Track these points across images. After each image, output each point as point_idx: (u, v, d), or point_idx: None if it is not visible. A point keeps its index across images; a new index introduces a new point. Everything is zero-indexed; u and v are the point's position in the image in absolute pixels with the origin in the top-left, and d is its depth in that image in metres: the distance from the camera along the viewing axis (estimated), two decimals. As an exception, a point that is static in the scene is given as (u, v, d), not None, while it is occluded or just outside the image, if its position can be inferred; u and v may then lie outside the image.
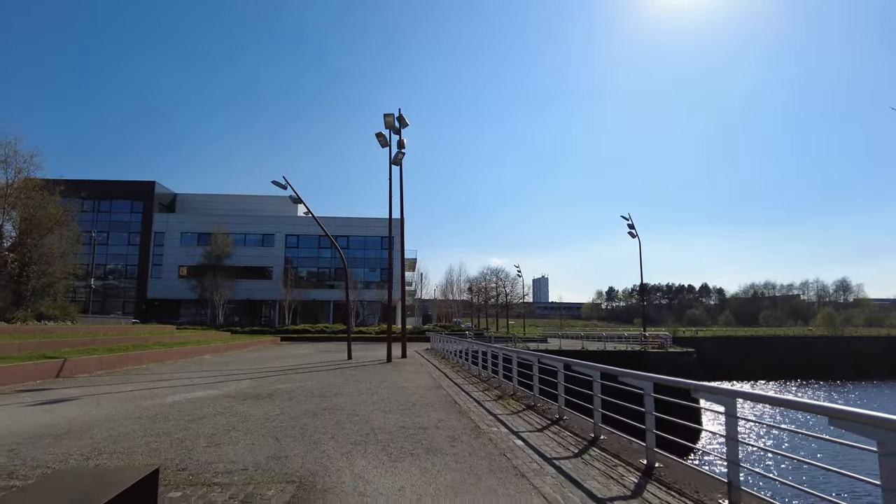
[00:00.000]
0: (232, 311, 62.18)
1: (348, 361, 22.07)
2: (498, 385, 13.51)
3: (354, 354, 25.33)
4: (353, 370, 17.99)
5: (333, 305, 63.60)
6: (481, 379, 15.36)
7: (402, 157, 22.03)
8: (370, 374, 16.39)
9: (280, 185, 23.39)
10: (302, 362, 21.67)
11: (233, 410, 9.55)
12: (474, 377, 16.00)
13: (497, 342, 35.64)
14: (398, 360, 22.61)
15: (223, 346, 28.41)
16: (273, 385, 13.61)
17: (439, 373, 17.13)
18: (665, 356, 35.17)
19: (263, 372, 17.33)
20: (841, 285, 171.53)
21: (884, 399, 41.88)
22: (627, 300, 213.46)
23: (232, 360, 23.03)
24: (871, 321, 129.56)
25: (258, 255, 63.05)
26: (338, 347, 34.06)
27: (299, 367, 19.09)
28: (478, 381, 14.71)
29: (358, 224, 64.64)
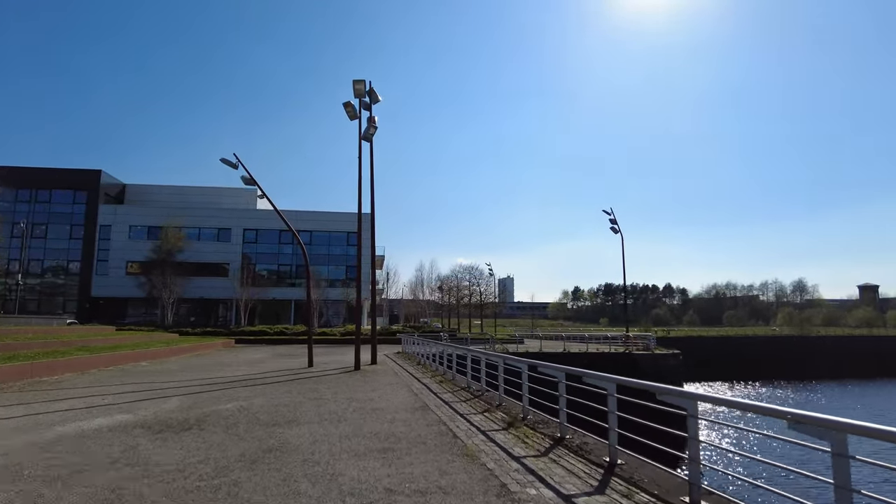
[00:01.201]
0: (187, 311, 57.90)
1: (309, 369, 19.00)
2: (499, 403, 10.75)
3: (317, 360, 22.24)
4: (315, 382, 14.96)
5: (295, 305, 59.94)
6: (472, 393, 12.58)
7: (374, 132, 19.09)
8: (335, 388, 13.41)
9: (230, 164, 20.14)
10: (254, 370, 18.50)
11: (134, 455, 6.51)
12: (462, 389, 13.22)
13: (473, 344, 33.04)
14: (368, 368, 19.64)
15: (166, 350, 24.89)
16: (209, 405, 10.54)
17: (420, 385, 14.26)
18: (652, 358, 33.19)
19: (204, 384, 14.17)
20: (798, 286, 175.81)
21: (872, 398, 41.00)
22: (593, 300, 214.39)
23: (172, 367, 19.67)
24: (829, 320, 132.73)
25: (214, 251, 58.82)
26: (298, 351, 30.76)
27: (250, 378, 15.96)
28: (470, 397, 11.92)
29: (322, 218, 61.07)
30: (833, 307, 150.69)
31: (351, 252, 61.21)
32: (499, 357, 10.89)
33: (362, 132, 19.24)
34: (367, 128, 19.06)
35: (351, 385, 14.10)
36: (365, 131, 19.15)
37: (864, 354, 62.81)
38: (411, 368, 19.50)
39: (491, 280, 63.18)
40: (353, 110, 18.85)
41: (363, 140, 19.28)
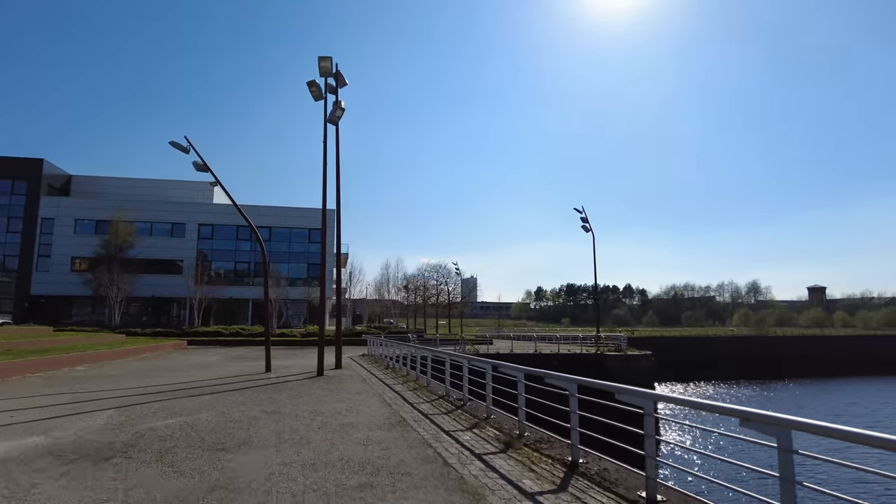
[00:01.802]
0: (138, 311, 54.73)
1: (267, 375, 17.27)
2: (487, 416, 9.40)
3: (276, 363, 20.50)
4: (273, 390, 13.31)
5: (253, 304, 57.32)
6: (453, 403, 11.20)
7: (341, 115, 17.48)
8: (296, 398, 11.81)
9: (180, 148, 18.21)
10: (205, 376, 16.66)
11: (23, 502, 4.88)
12: (440, 398, 11.84)
13: (443, 345, 31.68)
14: (332, 373, 18.02)
15: (108, 352, 22.66)
16: (146, 421, 8.85)
17: (392, 393, 12.79)
18: (624, 359, 32.47)
19: (145, 393, 12.36)
20: (752, 287, 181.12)
21: (830, 397, 41.40)
22: (555, 300, 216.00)
23: (112, 372, 17.63)
24: (781, 321, 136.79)
25: (166, 247, 55.71)
26: (255, 353, 28.76)
27: (199, 385, 14.17)
28: (451, 408, 10.53)
29: (283, 214, 58.67)
30: (785, 308, 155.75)
31: (313, 250, 59.08)
32: (485, 362, 9.52)
33: (328, 115, 17.61)
34: (334, 110, 17.45)
35: (314, 394, 12.51)
36: (331, 114, 17.52)
37: (821, 354, 64.17)
38: (380, 373, 17.99)
39: (458, 279, 62.08)
40: (317, 90, 17.19)
41: (329, 123, 17.65)
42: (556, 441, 7.41)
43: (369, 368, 19.97)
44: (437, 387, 13.74)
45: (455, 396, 11.85)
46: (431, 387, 13.90)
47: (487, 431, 8.24)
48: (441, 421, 9.11)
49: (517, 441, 7.54)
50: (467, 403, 10.95)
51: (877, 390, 45.50)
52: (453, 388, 12.54)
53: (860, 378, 53.83)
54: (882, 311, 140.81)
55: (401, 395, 12.52)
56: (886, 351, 66.67)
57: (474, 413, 9.88)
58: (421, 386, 14.14)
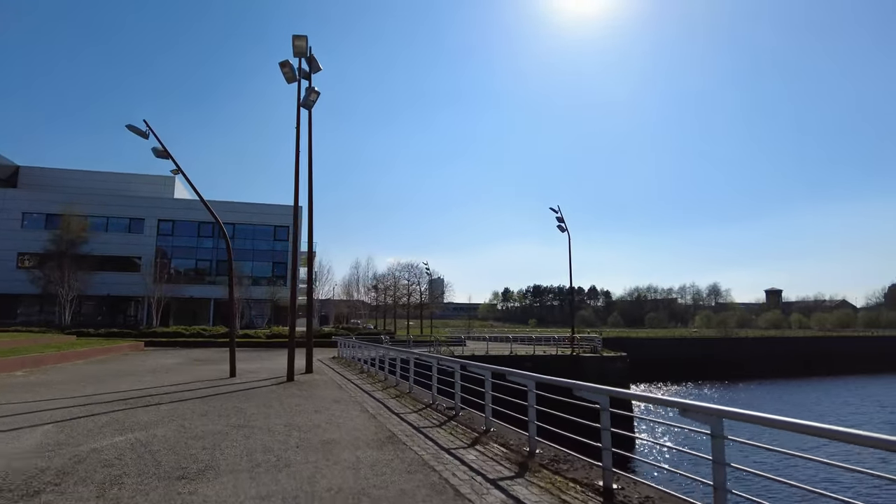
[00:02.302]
0: (92, 310, 51.82)
1: (231, 380, 15.86)
2: (486, 428, 8.35)
3: (241, 367, 19.06)
4: (240, 398, 11.99)
5: (214, 304, 54.98)
6: (443, 412, 10.14)
7: (315, 99, 16.21)
8: (267, 408, 10.55)
9: (138, 132, 16.63)
10: (163, 381, 15.17)
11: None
12: (427, 407, 10.77)
13: (416, 347, 30.57)
14: (304, 377, 16.69)
15: (55, 355, 20.79)
16: (90, 440, 7.51)
17: (374, 402, 11.61)
18: (599, 361, 31.97)
19: (94, 403, 10.91)
20: (713, 290, 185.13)
21: (799, 395, 41.89)
22: (522, 301, 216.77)
23: (57, 378, 15.95)
24: (741, 322, 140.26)
25: (123, 243, 52.88)
26: (218, 356, 27.12)
27: (156, 392, 12.73)
28: (443, 419, 9.46)
29: (248, 210, 56.49)
30: (744, 310, 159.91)
31: (278, 247, 57.14)
32: (484, 368, 8.48)
33: (302, 99, 16.32)
34: (307, 94, 16.18)
35: (287, 403, 11.25)
36: (304, 98, 16.25)
37: (783, 354, 65.50)
38: (355, 378, 16.78)
39: (429, 280, 60.73)
40: (290, 71, 15.86)
41: (302, 107, 16.36)
42: (576, 460, 6.43)
43: (342, 373, 18.72)
44: (422, 394, 12.66)
45: (444, 405, 10.79)
46: (415, 393, 12.80)
47: (493, 448, 7.20)
48: (436, 436, 8.03)
49: (531, 461, 6.52)
50: (460, 413, 9.90)
51: (844, 389, 46.35)
52: (441, 395, 11.49)
53: (823, 378, 55.02)
54: (835, 314, 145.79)
55: (383, 403, 11.38)
56: (842, 351, 68.67)
57: (470, 425, 8.84)
58: (403, 392, 13.01)
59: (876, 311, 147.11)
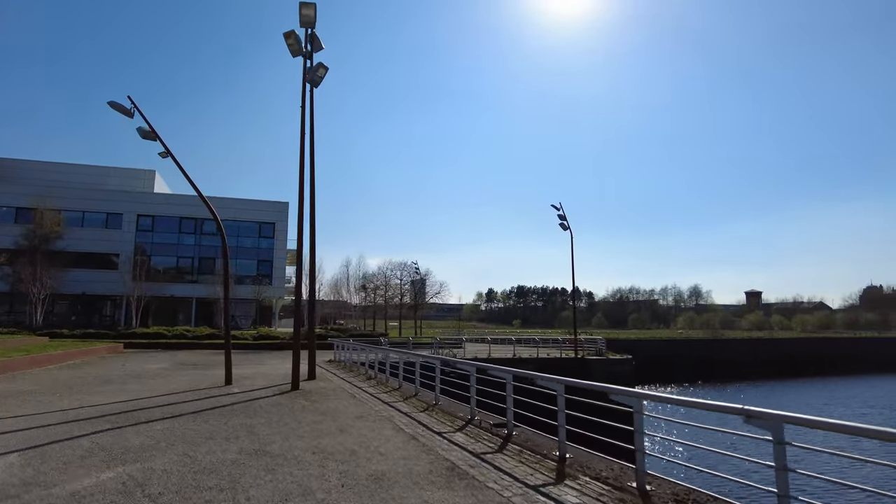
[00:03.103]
0: (66, 310, 49.16)
1: (229, 388, 14.10)
2: (560, 453, 6.79)
3: (235, 372, 17.21)
4: (245, 413, 10.26)
5: (196, 303, 52.60)
6: (492, 431, 8.58)
7: (323, 76, 14.52)
8: (282, 427, 8.86)
9: (121, 110, 14.77)
10: (151, 390, 13.35)
11: None
12: (469, 423, 9.18)
13: (416, 349, 28.95)
14: (308, 385, 14.96)
15: (24, 360, 18.74)
16: (67, 477, 5.79)
17: (403, 417, 9.98)
18: (606, 363, 30.75)
19: (71, 420, 9.14)
20: (694, 291, 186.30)
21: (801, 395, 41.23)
22: (505, 301, 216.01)
23: (28, 387, 14.03)
24: (724, 324, 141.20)
25: (100, 239, 50.17)
26: (205, 359, 25.25)
27: (145, 405, 10.94)
28: (498, 440, 7.87)
29: (232, 206, 54.02)
30: (726, 312, 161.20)
31: (263, 245, 54.93)
32: (505, 372, 6.98)
33: (308, 74, 14.62)
34: (315, 69, 14.48)
35: (303, 419, 9.57)
36: (311, 72, 14.55)
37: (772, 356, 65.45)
38: (365, 385, 15.13)
39: (425, 280, 58.86)
40: (295, 42, 14.11)
41: (309, 83, 14.65)
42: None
43: (347, 379, 17.04)
44: (451, 406, 11.10)
45: (491, 422, 9.22)
46: (443, 405, 11.23)
47: (590, 485, 5.65)
48: (507, 465, 6.44)
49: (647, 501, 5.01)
50: (513, 432, 8.35)
51: (850, 390, 45.91)
52: (480, 408, 9.93)
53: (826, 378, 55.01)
54: (815, 315, 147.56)
55: (414, 418, 9.77)
56: (830, 351, 68.78)
57: (535, 448, 7.29)
58: (428, 404, 11.41)
59: (855, 312, 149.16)
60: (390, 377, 15.84)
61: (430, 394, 12.56)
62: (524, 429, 8.54)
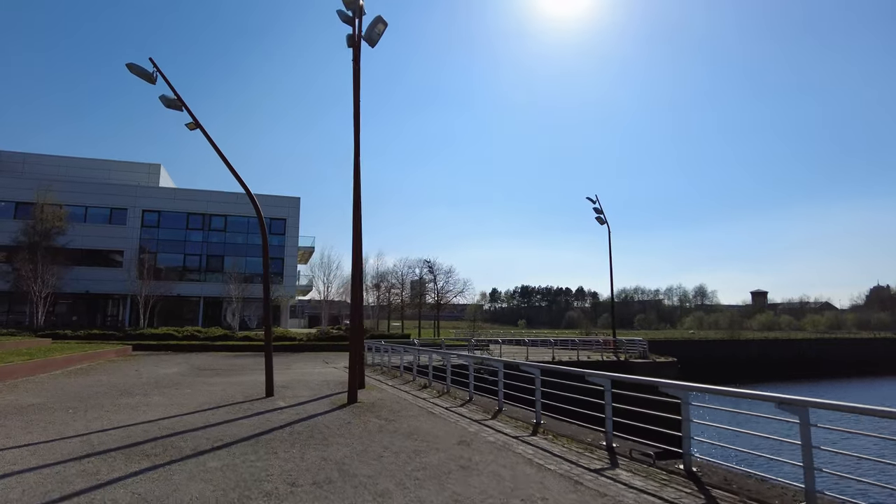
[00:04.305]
0: (68, 309, 46.82)
1: (272, 402, 11.82)
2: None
3: (263, 378, 15.03)
4: (314, 440, 7.98)
5: (204, 303, 50.35)
6: (659, 466, 6.38)
7: (382, 32, 12.28)
8: (381, 465, 6.55)
9: (143, 75, 12.52)
10: (179, 406, 11.07)
11: None
12: (607, 449, 6.96)
13: (448, 350, 26.77)
14: (366, 397, 12.61)
15: (27, 365, 16.47)
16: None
17: (520, 444, 7.73)
18: (653, 367, 28.63)
19: (91, 453, 6.90)
20: (699, 291, 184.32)
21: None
22: (510, 302, 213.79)
23: (31, 399, 11.79)
24: (733, 324, 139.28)
25: (103, 236, 47.85)
26: (224, 363, 23.02)
27: (180, 426, 8.70)
28: (686, 483, 5.65)
29: (241, 201, 51.76)
30: (735, 312, 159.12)
31: (274, 242, 52.56)
32: (603, 377, 4.82)
33: (364, 31, 12.38)
34: (373, 25, 12.24)
35: (397, 448, 7.31)
36: (368, 30, 12.31)
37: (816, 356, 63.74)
38: (427, 395, 12.90)
39: (449, 278, 56.39)
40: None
41: (365, 41, 12.40)
42: None
43: (399, 386, 14.82)
44: (553, 424, 8.89)
45: (645, 452, 6.99)
46: (548, 425, 9.04)
47: None
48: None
49: None
50: (692, 468, 6.16)
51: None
52: (618, 435, 7.72)
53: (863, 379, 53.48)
54: (826, 316, 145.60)
55: (530, 443, 7.60)
56: (850, 352, 67.15)
57: (761, 499, 5.09)
58: (526, 421, 9.20)
59: (866, 312, 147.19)
60: (451, 385, 13.65)
61: (521, 410, 10.41)
62: (711, 462, 6.36)
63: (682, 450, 6.25)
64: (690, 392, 6.18)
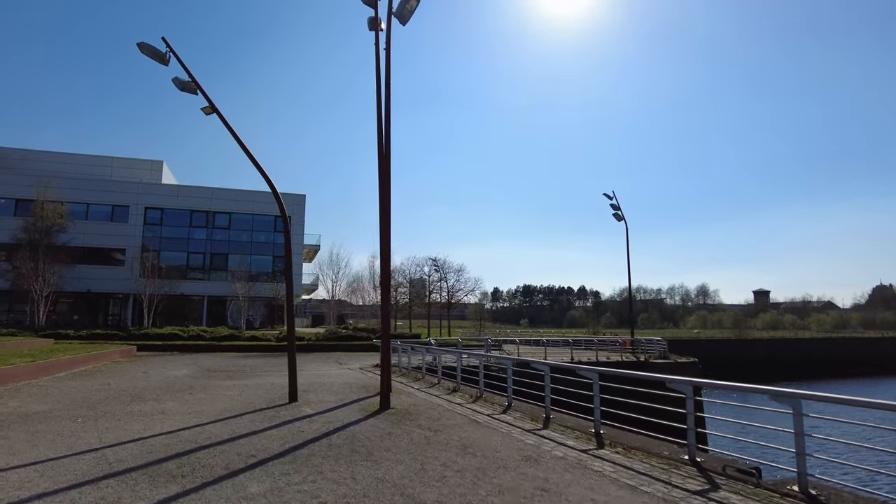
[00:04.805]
0: (68, 309, 45.90)
1: (299, 409, 10.89)
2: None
3: (278, 380, 14.16)
4: (361, 457, 7.02)
5: (208, 302, 49.47)
6: (784, 491, 5.46)
7: (414, 7, 11.34)
8: (446, 487, 5.62)
9: (154, 55, 11.60)
10: (198, 413, 10.15)
11: None
12: (681, 462, 6.05)
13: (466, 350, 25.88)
14: (396, 402, 11.65)
15: (28, 367, 15.54)
16: None
17: (594, 459, 6.79)
18: (676, 367, 27.73)
19: (109, 474, 5.99)
20: (701, 290, 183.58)
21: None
22: (511, 301, 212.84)
23: (36, 406, 10.87)
24: (737, 323, 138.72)
25: (105, 234, 46.90)
26: (234, 364, 22.13)
27: (203, 441, 7.76)
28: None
29: (245, 198, 50.93)
30: (738, 311, 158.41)
31: (279, 240, 51.75)
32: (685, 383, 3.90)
33: (396, 6, 11.46)
34: (404, 1, 11.31)
35: (457, 466, 6.38)
36: (399, 6, 11.38)
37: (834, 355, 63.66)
38: (461, 400, 11.97)
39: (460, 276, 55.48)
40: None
41: (396, 16, 11.47)
42: None
43: (427, 390, 13.89)
44: (618, 434, 7.97)
45: (725, 465, 6.08)
46: (614, 436, 8.13)
47: None
48: None
49: None
50: (800, 483, 5.26)
51: None
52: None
53: None
54: (831, 315, 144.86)
55: (601, 458, 6.69)
56: (860, 352, 66.70)
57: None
58: (580, 430, 8.28)
59: (871, 311, 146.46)
60: (485, 389, 12.75)
61: (598, 422, 9.53)
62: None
63: (797, 469, 5.54)
64: (804, 401, 5.46)
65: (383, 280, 12.26)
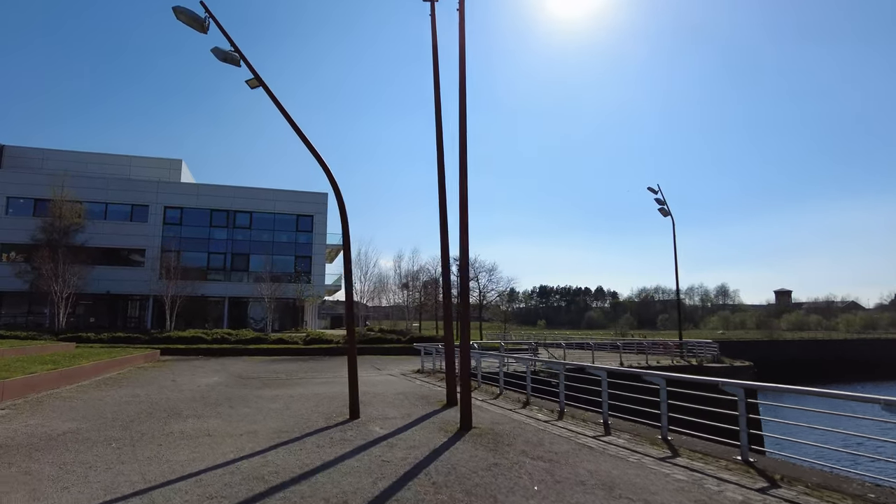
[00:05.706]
0: (86, 311, 44.87)
1: (365, 428, 9.31)
2: None
3: (322, 390, 12.66)
4: (480, 501, 5.50)
5: (229, 303, 48.25)
6: None
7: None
8: None
9: (191, 22, 10.12)
10: (250, 434, 8.61)
11: None
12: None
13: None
14: (477, 420, 9.89)
15: (53, 375, 14.14)
16: None
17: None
18: (732, 371, 26.00)
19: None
20: (720, 290, 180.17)
21: None
22: (528, 302, 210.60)
23: (62, 425, 9.41)
24: (759, 323, 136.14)
25: (124, 234, 45.85)
26: (265, 369, 20.67)
27: (270, 478, 6.21)
28: None
29: (264, 197, 49.68)
30: (761, 311, 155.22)
31: (301, 240, 50.44)
32: None
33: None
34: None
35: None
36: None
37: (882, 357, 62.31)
38: (553, 419, 10.33)
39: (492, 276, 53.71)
40: None
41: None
42: None
43: (502, 405, 12.26)
44: (789, 469, 6.30)
45: None
46: (784, 470, 6.45)
47: None
48: None
49: None
50: None
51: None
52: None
53: None
54: (860, 316, 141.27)
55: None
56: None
57: None
58: (724, 458, 6.63)
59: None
60: (566, 404, 11.12)
61: (745, 448, 7.87)
62: None
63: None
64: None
65: (462, 289, 10.62)
